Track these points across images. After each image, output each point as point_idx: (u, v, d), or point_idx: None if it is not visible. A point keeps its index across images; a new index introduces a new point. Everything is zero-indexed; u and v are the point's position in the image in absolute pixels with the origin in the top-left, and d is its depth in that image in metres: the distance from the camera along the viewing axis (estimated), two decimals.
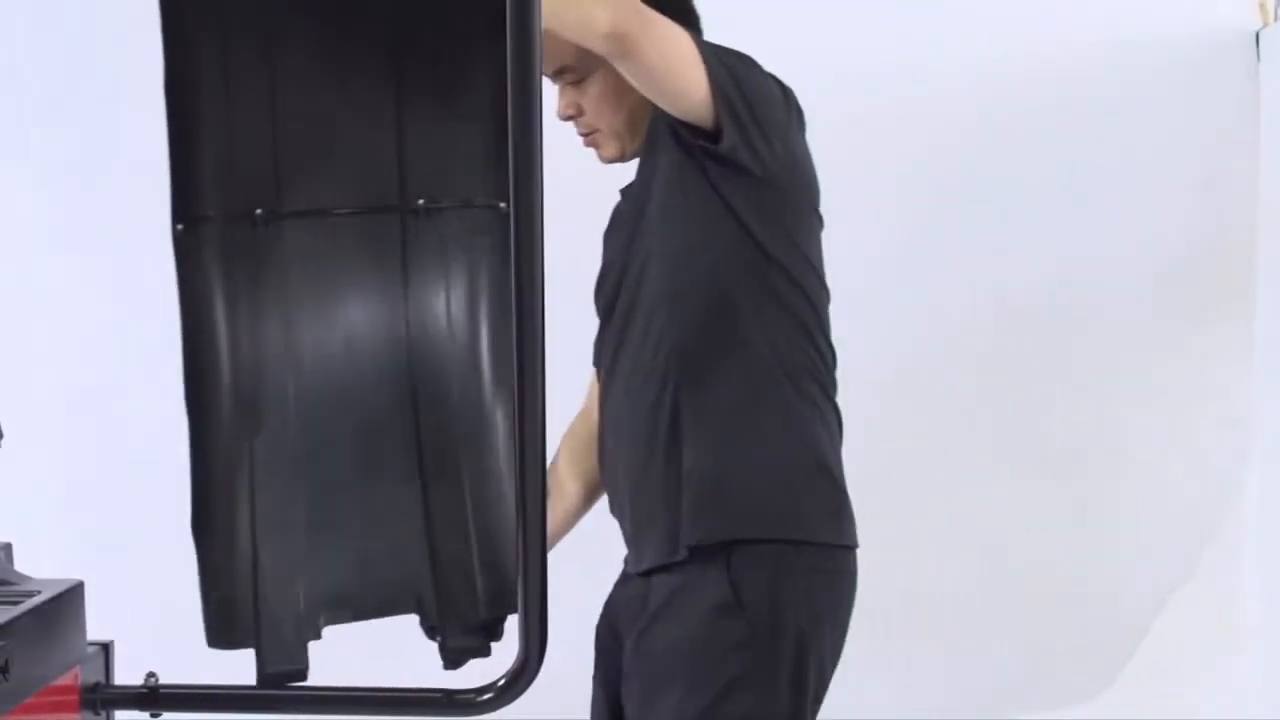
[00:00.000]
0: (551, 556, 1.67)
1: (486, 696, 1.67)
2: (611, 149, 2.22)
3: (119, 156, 3.49)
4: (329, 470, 1.83)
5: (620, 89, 2.12)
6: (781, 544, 2.11)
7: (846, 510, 2.21)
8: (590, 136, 2.22)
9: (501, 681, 1.66)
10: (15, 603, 1.53)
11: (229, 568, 1.77)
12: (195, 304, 1.82)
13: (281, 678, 1.74)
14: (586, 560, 2.27)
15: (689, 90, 2.00)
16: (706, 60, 2.01)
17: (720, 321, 2.11)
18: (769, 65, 3.62)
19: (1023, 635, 3.54)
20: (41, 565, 1.81)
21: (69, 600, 1.63)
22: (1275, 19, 3.47)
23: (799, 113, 2.21)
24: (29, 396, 3.63)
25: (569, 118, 2.20)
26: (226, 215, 1.81)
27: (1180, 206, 3.55)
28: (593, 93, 2.17)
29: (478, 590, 1.81)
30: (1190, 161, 3.53)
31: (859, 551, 2.24)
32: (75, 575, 1.69)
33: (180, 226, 1.79)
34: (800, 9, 3.47)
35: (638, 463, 2.17)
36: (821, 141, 2.22)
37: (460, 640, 1.80)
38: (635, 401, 2.16)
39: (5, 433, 1.78)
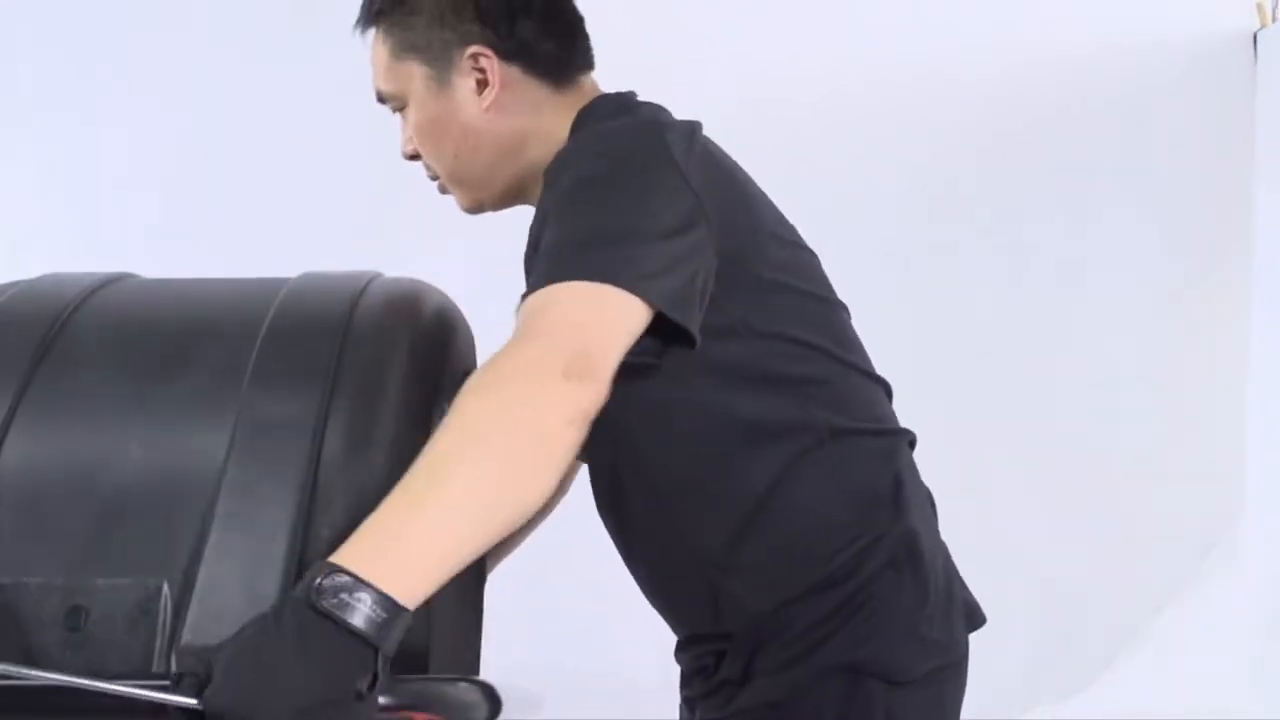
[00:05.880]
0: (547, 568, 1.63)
1: None
2: (462, 199, 1.72)
3: (111, 164, 3.52)
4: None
5: (442, 121, 1.65)
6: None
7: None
8: (437, 183, 1.73)
9: None
10: None
11: None
12: None
13: None
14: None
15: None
16: (629, 287, 1.38)
17: (731, 499, 1.58)
18: (774, 67, 3.67)
19: (1022, 635, 3.54)
20: None
21: None
22: (1273, 20, 3.48)
23: (709, 154, 1.60)
24: None
25: (411, 157, 1.72)
26: None
27: (1179, 206, 3.55)
28: (413, 123, 1.68)
29: None
30: (1189, 162, 3.54)
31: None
32: None
33: None
34: (804, 11, 3.48)
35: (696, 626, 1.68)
36: (825, 143, 2.19)
37: None
38: (674, 589, 1.68)
39: None
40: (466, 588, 1.74)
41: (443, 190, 1.72)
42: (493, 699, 1.12)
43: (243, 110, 3.51)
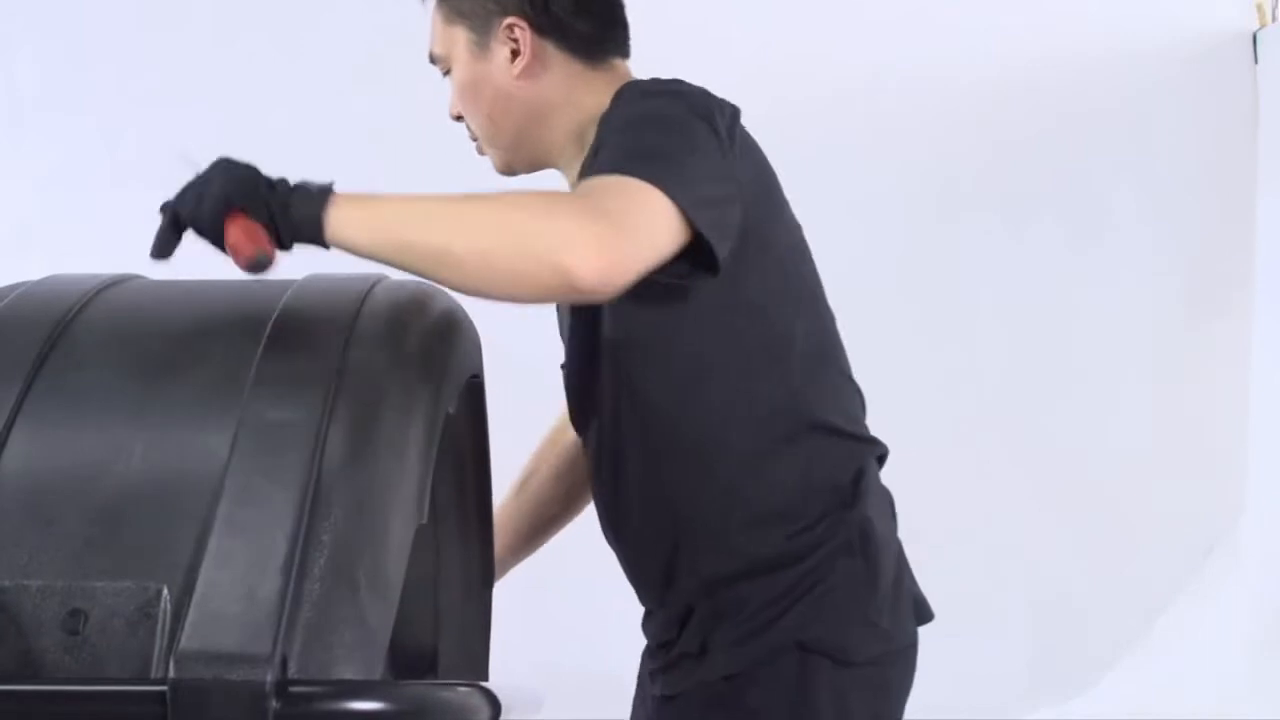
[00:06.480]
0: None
1: None
2: (495, 160, 1.82)
3: (111, 164, 3.51)
4: None
5: (479, 84, 1.77)
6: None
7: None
8: (476, 144, 1.84)
9: None
10: None
11: None
12: None
13: None
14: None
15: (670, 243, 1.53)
16: (679, 202, 1.49)
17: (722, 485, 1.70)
18: (774, 68, 3.66)
19: (1022, 635, 3.55)
20: None
21: None
22: (1273, 20, 3.48)
23: (744, 135, 1.72)
24: None
25: (456, 118, 1.83)
26: None
27: (1179, 207, 3.55)
28: (456, 84, 1.80)
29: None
30: (1189, 162, 3.54)
31: None
32: None
33: None
34: (807, 13, 3.49)
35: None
36: (826, 143, 2.18)
37: None
38: (645, 556, 1.78)
39: None
40: (474, 589, 1.75)
41: (480, 151, 1.84)
42: (493, 703, 1.12)
43: (244, 110, 3.51)
